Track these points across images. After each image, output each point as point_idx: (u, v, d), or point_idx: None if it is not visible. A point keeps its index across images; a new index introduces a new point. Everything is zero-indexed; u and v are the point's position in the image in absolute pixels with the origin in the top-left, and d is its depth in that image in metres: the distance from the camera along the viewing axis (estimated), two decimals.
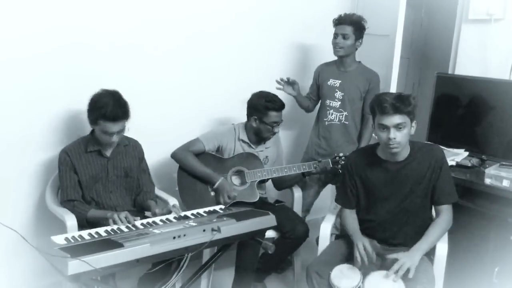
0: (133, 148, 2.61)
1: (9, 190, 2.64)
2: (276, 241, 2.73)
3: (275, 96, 2.83)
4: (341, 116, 3.10)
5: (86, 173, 2.46)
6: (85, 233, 2.02)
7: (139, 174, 2.62)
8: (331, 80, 3.11)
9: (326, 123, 3.13)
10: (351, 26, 2.96)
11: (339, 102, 3.08)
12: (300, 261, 3.00)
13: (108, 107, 2.29)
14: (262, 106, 2.77)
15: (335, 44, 3.00)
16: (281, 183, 3.03)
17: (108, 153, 2.51)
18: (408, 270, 2.06)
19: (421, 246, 2.17)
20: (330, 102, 3.11)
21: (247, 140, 2.91)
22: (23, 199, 2.72)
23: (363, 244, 2.20)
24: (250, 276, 2.70)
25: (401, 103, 2.09)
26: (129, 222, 2.19)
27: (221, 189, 2.74)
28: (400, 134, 2.13)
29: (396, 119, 2.10)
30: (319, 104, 3.25)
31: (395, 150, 2.17)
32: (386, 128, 2.13)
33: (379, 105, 2.13)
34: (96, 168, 2.48)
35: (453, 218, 2.32)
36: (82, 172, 2.45)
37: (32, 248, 1.81)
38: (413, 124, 2.19)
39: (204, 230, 2.02)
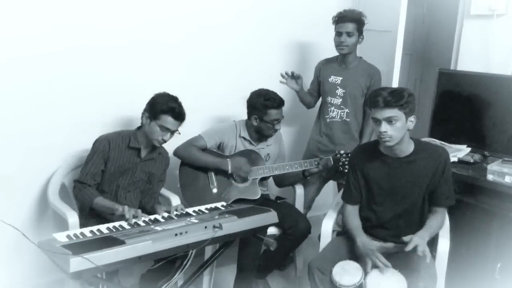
0: (163, 158, 2.65)
1: (10, 188, 2.64)
2: (278, 238, 2.72)
3: (274, 93, 2.81)
4: (343, 113, 3.08)
5: (116, 166, 2.48)
6: (86, 230, 2.02)
7: (157, 182, 2.66)
8: (332, 77, 3.09)
9: (328, 120, 3.11)
10: (354, 23, 2.93)
11: (341, 99, 3.05)
12: (302, 258, 3.00)
13: (176, 105, 2.42)
14: (261, 105, 2.76)
15: (339, 43, 2.96)
16: (282, 181, 3.02)
17: (144, 154, 2.55)
18: (423, 256, 2.05)
19: (424, 234, 2.16)
20: (332, 99, 3.09)
21: (248, 138, 2.90)
22: (25, 196, 2.71)
23: (374, 252, 2.17)
24: (252, 273, 2.70)
25: (392, 97, 2.09)
26: (135, 217, 2.19)
27: (236, 169, 2.76)
28: (391, 127, 2.13)
29: (387, 112, 2.11)
30: (320, 101, 3.24)
31: (387, 143, 2.16)
32: (378, 121, 2.15)
33: (373, 99, 2.14)
34: (127, 165, 2.50)
35: (455, 214, 2.35)
36: (113, 164, 2.47)
37: (34, 246, 1.80)
38: (411, 119, 2.18)
39: (206, 227, 2.02)
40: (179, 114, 2.43)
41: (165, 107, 2.40)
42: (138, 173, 2.54)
